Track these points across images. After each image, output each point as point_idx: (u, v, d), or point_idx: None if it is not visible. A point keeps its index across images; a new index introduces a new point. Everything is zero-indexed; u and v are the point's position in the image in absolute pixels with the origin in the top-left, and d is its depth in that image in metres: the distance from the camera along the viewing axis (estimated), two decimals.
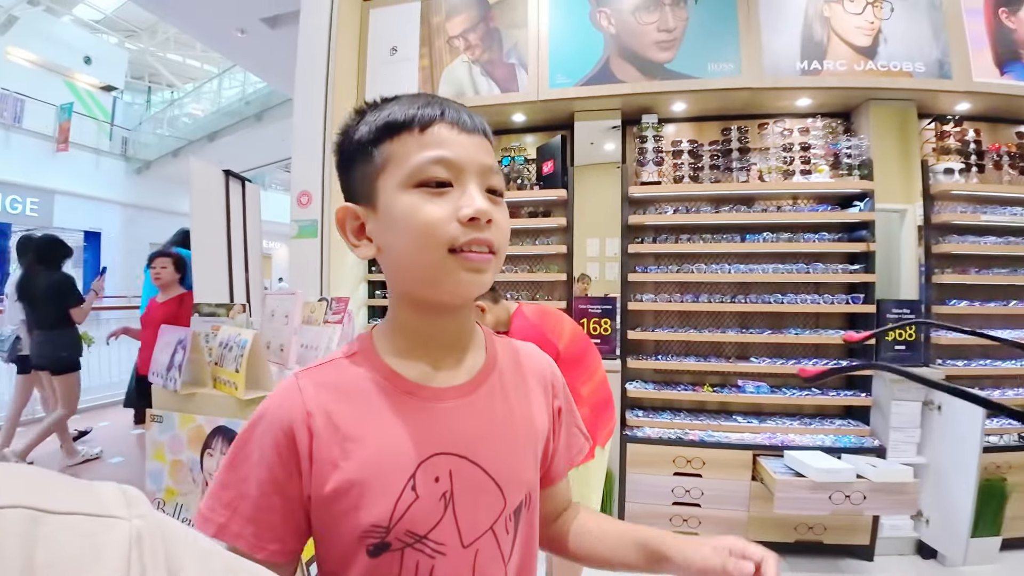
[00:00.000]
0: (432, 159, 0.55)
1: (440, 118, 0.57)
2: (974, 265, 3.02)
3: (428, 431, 0.58)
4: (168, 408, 1.45)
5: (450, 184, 0.56)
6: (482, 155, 0.58)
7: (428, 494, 0.56)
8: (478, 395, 0.62)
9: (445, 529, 0.56)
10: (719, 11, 2.94)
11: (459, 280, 0.55)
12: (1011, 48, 2.90)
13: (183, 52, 16.32)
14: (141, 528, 0.27)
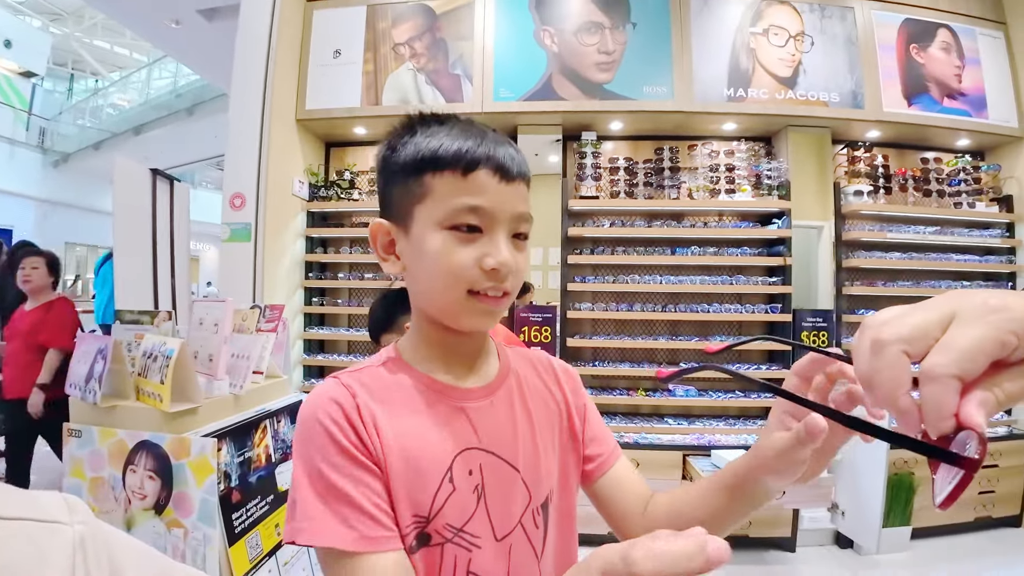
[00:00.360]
0: (468, 206, 0.58)
1: (485, 163, 0.59)
2: (881, 278, 3.31)
3: (459, 428, 0.62)
4: (87, 422, 1.37)
5: (481, 230, 0.59)
6: (517, 204, 0.60)
7: (463, 487, 0.59)
8: (498, 396, 0.66)
9: (479, 522, 0.60)
10: (655, 37, 3.10)
11: (475, 320, 0.61)
12: (919, 81, 3.21)
13: (111, 39, 15.29)
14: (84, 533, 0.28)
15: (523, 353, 0.77)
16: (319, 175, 3.48)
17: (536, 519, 0.64)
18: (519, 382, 0.70)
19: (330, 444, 0.56)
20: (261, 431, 1.50)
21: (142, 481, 1.29)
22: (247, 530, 1.36)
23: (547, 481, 0.67)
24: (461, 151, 0.59)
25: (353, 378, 0.62)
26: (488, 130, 0.63)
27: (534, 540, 0.64)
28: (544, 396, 0.72)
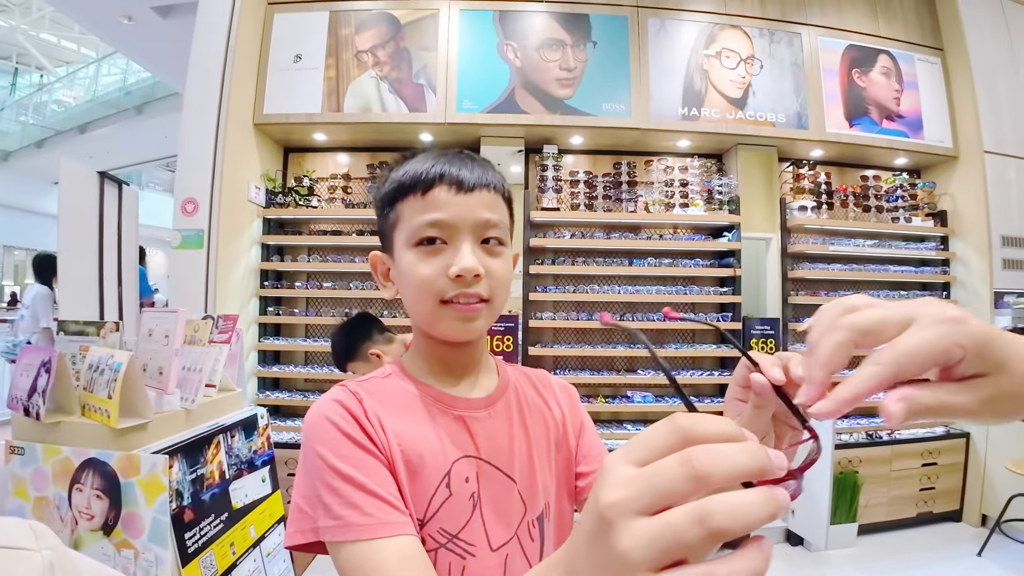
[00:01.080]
0: (427, 221, 0.62)
1: (439, 180, 0.62)
2: (824, 288, 3.49)
3: (459, 437, 0.65)
4: (30, 439, 1.31)
5: (445, 242, 0.62)
6: (479, 211, 0.63)
7: (459, 493, 0.62)
8: (497, 409, 0.69)
9: (474, 530, 0.61)
10: (614, 57, 3.20)
11: (452, 327, 0.63)
12: (860, 104, 3.41)
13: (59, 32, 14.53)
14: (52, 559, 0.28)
15: (523, 370, 0.80)
16: (276, 181, 3.40)
17: (532, 531, 0.66)
18: (518, 397, 0.73)
19: (340, 437, 0.58)
20: (214, 447, 1.47)
21: (89, 501, 1.25)
22: (201, 550, 1.33)
23: (543, 495, 0.68)
24: (418, 173, 0.63)
25: (358, 386, 0.65)
26: (455, 153, 0.66)
27: (530, 553, 0.65)
28: (542, 412, 0.74)
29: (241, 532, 1.49)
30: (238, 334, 1.76)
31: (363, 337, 1.70)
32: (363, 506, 0.54)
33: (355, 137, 3.44)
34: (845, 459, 3.11)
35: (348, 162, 3.60)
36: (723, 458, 0.25)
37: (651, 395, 3.23)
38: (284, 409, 3.37)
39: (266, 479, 1.66)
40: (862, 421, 3.36)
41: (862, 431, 3.30)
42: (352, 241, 3.35)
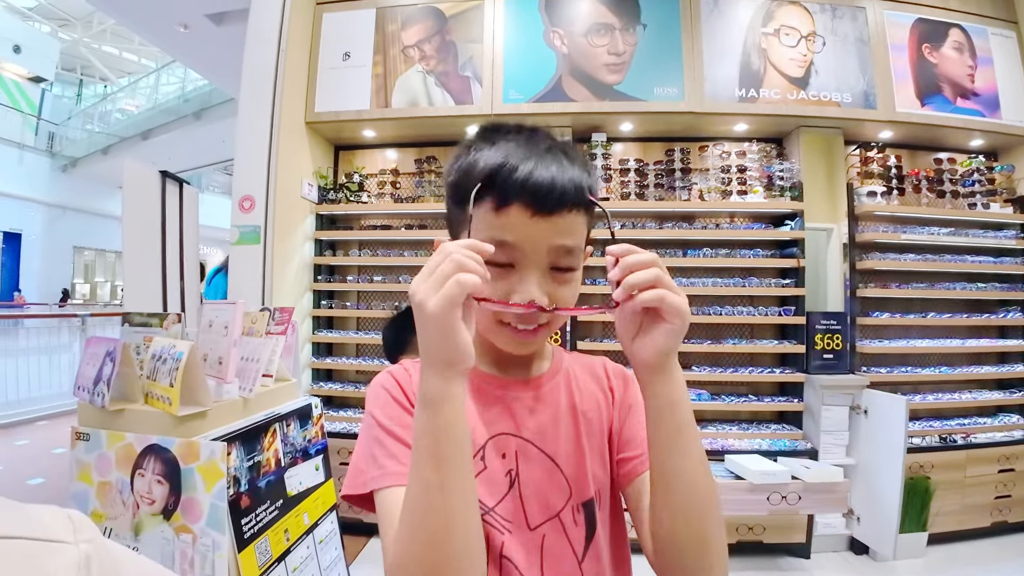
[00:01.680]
0: (497, 241, 0.56)
1: (517, 197, 0.57)
2: (895, 280, 3.26)
3: (498, 415, 0.66)
4: (95, 425, 1.36)
5: (512, 265, 0.59)
6: (553, 237, 0.58)
7: (495, 468, 0.63)
8: (543, 391, 0.69)
9: (511, 506, 0.62)
10: (665, 38, 3.07)
11: (507, 344, 0.63)
12: (932, 81, 3.16)
13: (120, 45, 15.46)
14: (89, 552, 0.26)
15: (580, 358, 0.78)
16: (328, 178, 3.47)
17: (576, 516, 0.65)
18: (569, 382, 0.72)
19: (389, 400, 0.64)
20: (270, 435, 1.48)
21: (150, 486, 1.27)
22: (256, 535, 1.34)
23: (593, 481, 0.67)
24: (493, 183, 0.58)
25: (412, 364, 0.68)
26: (540, 149, 0.59)
27: (573, 538, 0.64)
28: (596, 399, 0.73)
29: (295, 519, 1.51)
30: (293, 326, 1.79)
31: (412, 330, 1.67)
32: (400, 456, 0.58)
33: (403, 133, 3.46)
34: (916, 464, 2.90)
35: (396, 158, 3.64)
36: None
37: (706, 393, 3.09)
38: (336, 400, 3.43)
39: (319, 467, 1.68)
40: (934, 423, 3.12)
41: (935, 434, 3.06)
42: (401, 235, 3.39)
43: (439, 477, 0.50)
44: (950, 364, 3.27)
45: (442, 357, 0.51)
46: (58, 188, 12.83)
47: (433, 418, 0.51)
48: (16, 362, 5.51)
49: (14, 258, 12.33)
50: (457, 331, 0.50)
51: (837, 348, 2.97)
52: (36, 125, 13.08)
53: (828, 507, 2.61)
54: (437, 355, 0.51)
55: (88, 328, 6.18)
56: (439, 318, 0.48)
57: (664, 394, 0.55)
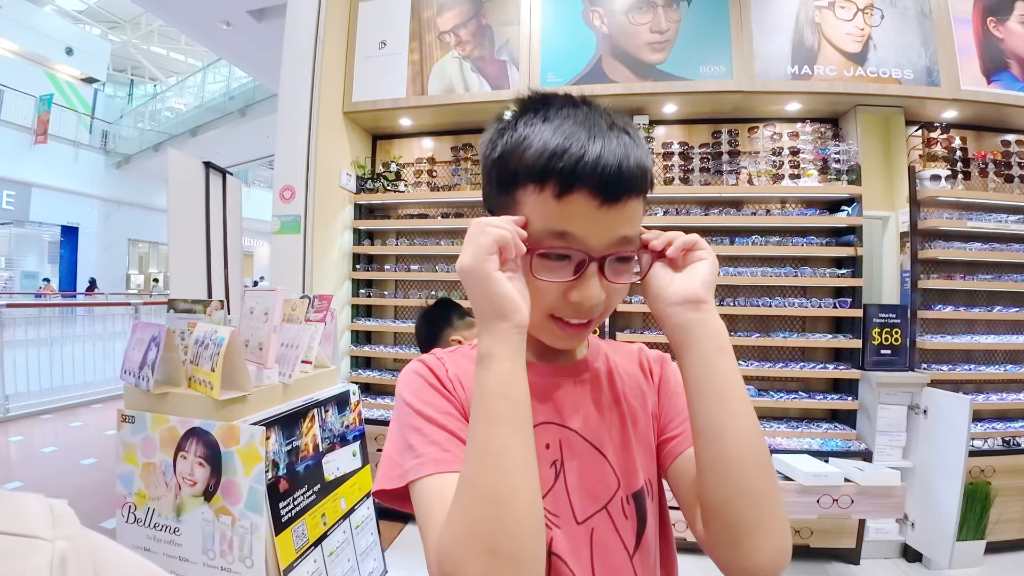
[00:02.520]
0: (557, 232, 0.53)
1: (581, 184, 0.51)
2: (959, 271, 3.05)
3: (540, 403, 0.61)
4: (140, 408, 1.38)
5: (569, 257, 0.54)
6: (618, 228, 0.54)
7: (539, 458, 0.56)
8: (584, 378, 0.66)
9: (558, 499, 0.59)
10: (711, 14, 2.94)
11: (554, 339, 0.60)
12: (998, 57, 2.94)
13: (167, 45, 16.07)
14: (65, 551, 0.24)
15: (617, 345, 0.75)
16: (366, 167, 3.49)
17: (626, 508, 0.61)
18: (610, 370, 0.68)
19: (425, 386, 0.61)
20: (309, 420, 1.48)
21: (192, 468, 1.28)
22: (293, 519, 1.34)
23: (641, 471, 0.64)
24: (557, 168, 0.51)
25: (444, 353, 0.66)
26: (603, 126, 0.54)
27: (623, 531, 0.60)
28: (640, 385, 0.70)
29: (332, 504, 1.51)
30: (332, 314, 1.78)
31: (444, 324, 1.65)
32: (443, 443, 0.55)
33: (439, 120, 3.44)
34: (977, 468, 2.72)
35: (432, 146, 3.62)
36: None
37: (753, 388, 2.96)
38: (375, 387, 3.47)
39: (357, 453, 1.68)
40: (998, 425, 2.90)
41: (998, 436, 2.85)
42: (438, 224, 3.38)
43: (497, 437, 0.47)
44: (1017, 362, 3.05)
45: (488, 311, 0.50)
46: (112, 184, 13.47)
47: (485, 376, 0.50)
48: (73, 348, 5.80)
49: (72, 250, 13.00)
50: (495, 280, 0.49)
51: (896, 343, 2.80)
52: (90, 124, 13.75)
53: (882, 512, 2.47)
54: (484, 310, 0.51)
55: (141, 316, 6.46)
56: (474, 270, 0.49)
57: (705, 339, 0.54)
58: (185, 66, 16.69)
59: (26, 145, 11.56)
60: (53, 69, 13.44)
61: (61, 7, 14.14)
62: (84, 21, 14.86)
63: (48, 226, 12.54)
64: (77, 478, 3.58)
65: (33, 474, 3.66)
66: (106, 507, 3.01)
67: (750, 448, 0.51)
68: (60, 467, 3.82)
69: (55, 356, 5.63)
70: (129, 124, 14.33)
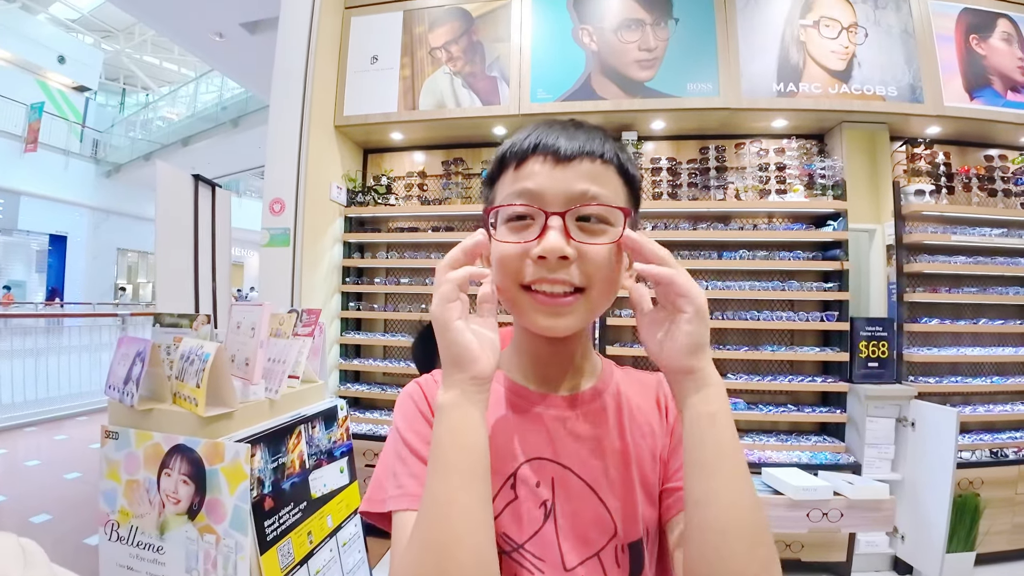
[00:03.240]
0: (515, 191, 0.55)
1: (535, 150, 0.56)
2: (945, 284, 3.09)
3: (534, 436, 0.59)
4: (124, 424, 1.37)
5: (531, 217, 0.55)
6: (575, 183, 0.54)
7: (527, 497, 0.57)
8: (586, 411, 0.62)
9: (546, 543, 0.55)
10: (699, 33, 2.99)
11: (535, 321, 0.56)
12: (981, 74, 3.00)
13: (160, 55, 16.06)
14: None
15: (635, 375, 0.71)
16: (356, 180, 3.49)
17: (620, 557, 0.57)
18: (619, 402, 0.64)
19: (416, 414, 0.60)
20: (295, 436, 1.47)
21: (176, 485, 1.27)
22: (279, 538, 1.33)
23: (641, 520, 0.59)
24: (515, 144, 0.58)
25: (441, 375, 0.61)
26: (567, 120, 0.60)
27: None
28: (651, 423, 0.65)
29: (319, 521, 1.49)
30: (321, 327, 1.77)
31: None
32: (422, 477, 0.53)
33: (430, 135, 3.46)
34: (966, 480, 2.74)
35: (424, 160, 3.63)
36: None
37: (742, 402, 2.97)
38: (364, 401, 3.44)
39: (344, 470, 1.66)
40: (985, 437, 2.93)
41: (986, 448, 2.88)
42: (428, 237, 3.39)
43: (445, 487, 0.47)
44: (1003, 374, 3.09)
45: (447, 359, 0.50)
46: (102, 193, 13.37)
47: (438, 426, 0.50)
48: (58, 360, 5.72)
49: (60, 259, 12.86)
50: (454, 329, 0.49)
51: (883, 356, 2.83)
52: (81, 132, 13.67)
53: (872, 525, 2.48)
54: (444, 358, 0.51)
55: (128, 327, 6.39)
56: (437, 318, 0.50)
57: (698, 403, 0.50)
58: (178, 76, 16.69)
59: (16, 153, 11.46)
60: (45, 77, 13.39)
61: (54, 15, 14.12)
62: (77, 30, 14.84)
63: (36, 234, 12.41)
64: (60, 493, 3.52)
65: (16, 488, 3.59)
66: (89, 523, 2.96)
67: (735, 521, 0.47)
68: (43, 481, 3.75)
69: (40, 367, 5.56)
70: (120, 133, 14.26)
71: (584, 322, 0.57)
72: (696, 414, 0.50)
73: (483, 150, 3.51)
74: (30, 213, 11.85)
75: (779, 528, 2.45)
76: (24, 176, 11.56)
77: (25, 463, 4.16)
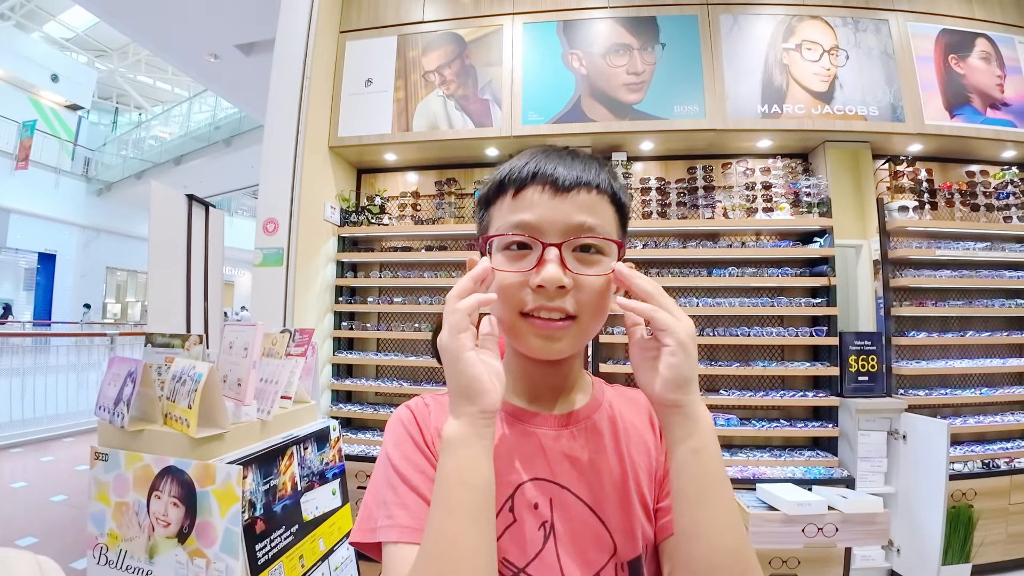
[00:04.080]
0: (513, 223, 0.57)
1: (532, 180, 0.57)
2: (931, 298, 3.14)
3: (530, 456, 0.60)
4: (114, 445, 1.36)
5: (529, 247, 0.57)
6: (573, 214, 0.56)
7: (526, 520, 0.57)
8: (581, 429, 0.63)
9: (546, 565, 0.56)
10: (685, 57, 3.06)
11: (532, 344, 0.57)
12: (960, 92, 3.09)
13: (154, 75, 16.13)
14: None
15: (625, 393, 0.72)
16: (350, 201, 3.51)
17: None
18: (614, 420, 0.66)
19: (406, 439, 0.60)
20: (287, 458, 1.46)
21: (166, 508, 1.26)
22: (270, 562, 1.31)
23: (638, 537, 0.60)
24: (512, 173, 0.59)
25: (432, 398, 0.65)
26: (554, 151, 0.61)
27: None
28: (645, 439, 0.66)
29: (311, 545, 1.48)
30: (313, 347, 1.78)
31: None
32: (412, 507, 0.55)
33: (423, 155, 3.50)
34: (959, 491, 2.75)
35: (417, 180, 3.67)
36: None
37: (735, 418, 2.98)
38: (356, 422, 3.41)
39: (336, 492, 1.65)
40: (976, 448, 2.96)
41: (977, 459, 2.90)
42: (421, 257, 3.40)
43: (450, 525, 0.47)
44: (991, 384, 3.13)
45: (456, 391, 0.50)
46: (92, 211, 13.32)
47: (445, 461, 0.50)
48: (45, 379, 5.64)
49: (48, 278, 12.74)
50: (465, 360, 0.50)
51: (872, 370, 2.86)
52: (72, 151, 13.65)
53: (868, 539, 2.47)
54: (452, 390, 0.51)
55: (116, 347, 6.32)
56: (448, 348, 0.50)
57: (682, 438, 0.51)
58: (171, 95, 16.75)
59: (6, 170, 11.42)
60: (37, 95, 13.41)
61: (48, 34, 14.18)
62: (71, 49, 14.90)
63: (25, 252, 12.30)
64: (46, 515, 3.45)
65: (1, 511, 3.52)
66: (76, 546, 2.90)
67: (721, 556, 0.48)
68: (29, 503, 3.68)
69: (27, 387, 5.48)
70: (112, 152, 14.26)
71: (576, 347, 0.60)
72: (681, 450, 0.51)
73: (476, 170, 3.55)
74: (19, 231, 11.77)
75: (774, 544, 2.44)
76: (14, 193, 11.51)
77: (11, 485, 4.08)
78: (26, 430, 5.31)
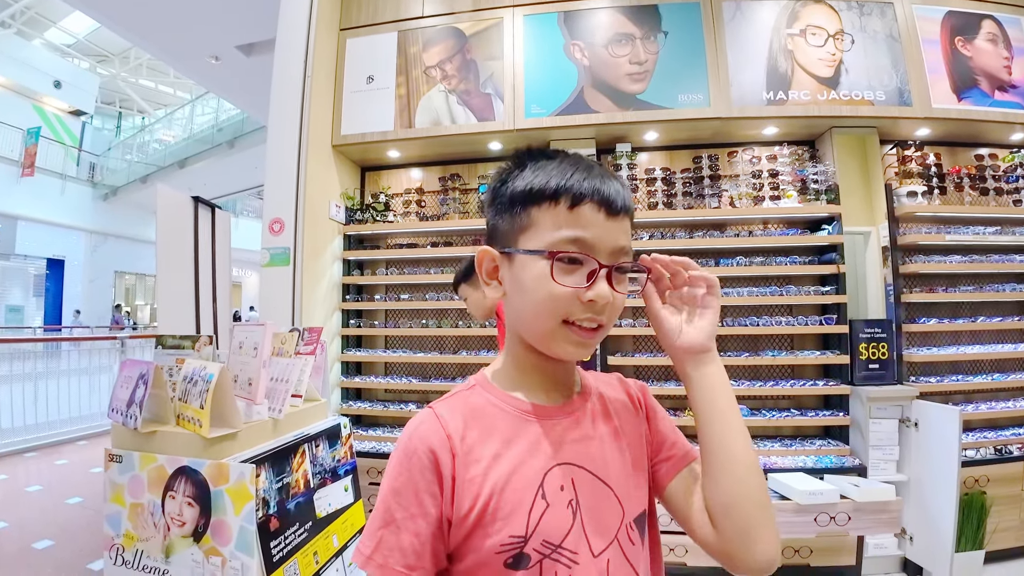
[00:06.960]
0: (570, 238, 0.60)
1: (591, 197, 0.61)
2: (941, 284, 3.11)
3: (546, 445, 0.64)
4: (128, 447, 1.36)
5: (581, 262, 0.61)
6: (619, 237, 0.62)
7: (557, 502, 0.61)
8: (581, 414, 0.69)
9: (576, 537, 0.61)
10: (688, 45, 3.03)
11: (567, 349, 0.63)
12: (968, 75, 3.05)
13: (156, 78, 16.18)
14: None
15: (600, 376, 0.79)
16: (355, 199, 3.51)
17: (631, 534, 0.65)
18: (603, 400, 0.73)
19: (403, 470, 0.61)
20: (300, 455, 1.47)
21: (181, 508, 1.27)
22: (285, 558, 1.32)
23: (639, 495, 0.68)
24: (568, 186, 0.61)
25: (445, 407, 0.66)
26: (595, 164, 0.65)
27: (631, 557, 0.64)
28: (630, 412, 0.74)
29: (324, 541, 1.48)
30: (322, 345, 1.78)
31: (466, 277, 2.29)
32: (407, 552, 0.58)
33: (426, 152, 3.49)
34: (971, 478, 2.73)
35: (421, 177, 3.66)
36: None
37: (745, 407, 2.97)
38: (366, 419, 3.44)
39: (348, 488, 1.66)
40: (989, 434, 2.93)
41: (990, 445, 2.88)
42: (427, 253, 3.40)
43: None
44: (1003, 370, 3.09)
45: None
46: (99, 216, 13.41)
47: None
48: (57, 384, 5.70)
49: (57, 283, 12.85)
50: None
51: (883, 357, 2.84)
52: (77, 156, 13.74)
53: (880, 528, 2.47)
54: None
55: (127, 350, 6.37)
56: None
57: (715, 371, 0.64)
58: (174, 98, 16.81)
59: (13, 178, 11.51)
60: (41, 102, 13.49)
61: (50, 41, 14.25)
62: (73, 55, 14.97)
63: (33, 259, 12.42)
64: (62, 518, 3.49)
65: (17, 514, 3.56)
66: (92, 548, 2.93)
67: (752, 457, 0.61)
68: (45, 506, 3.72)
69: (40, 392, 5.53)
70: (117, 156, 14.33)
71: (594, 348, 0.67)
72: (713, 380, 0.64)
73: (479, 165, 3.54)
74: (27, 237, 11.88)
75: (787, 534, 2.44)
76: (21, 200, 11.60)
77: (26, 489, 4.13)
78: (40, 434, 5.37)
